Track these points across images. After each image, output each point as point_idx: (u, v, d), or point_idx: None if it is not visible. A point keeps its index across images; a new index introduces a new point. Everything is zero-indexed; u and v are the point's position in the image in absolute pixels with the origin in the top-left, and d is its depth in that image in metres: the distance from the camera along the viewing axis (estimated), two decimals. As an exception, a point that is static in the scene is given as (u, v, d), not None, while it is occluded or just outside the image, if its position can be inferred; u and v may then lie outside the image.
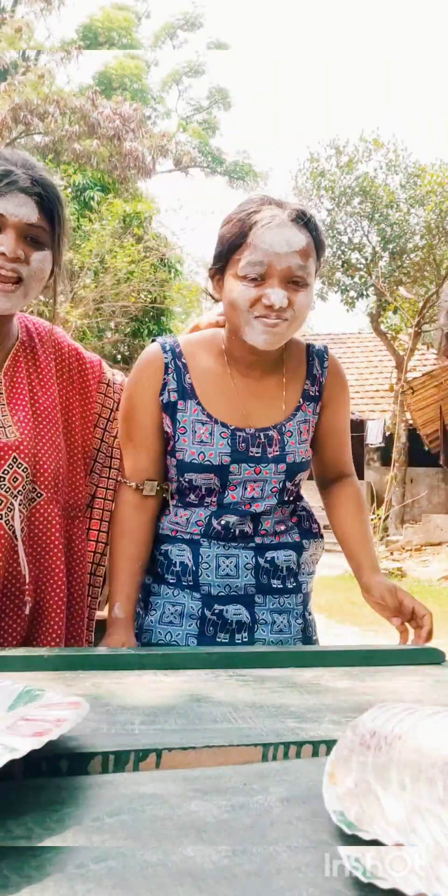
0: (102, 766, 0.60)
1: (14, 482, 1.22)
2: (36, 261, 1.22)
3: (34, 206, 1.20)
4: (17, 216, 1.18)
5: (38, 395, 1.33)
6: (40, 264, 1.23)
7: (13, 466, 1.23)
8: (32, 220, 1.20)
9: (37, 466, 1.26)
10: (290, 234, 1.24)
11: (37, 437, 1.28)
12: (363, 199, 14.20)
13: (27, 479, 1.24)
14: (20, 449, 1.24)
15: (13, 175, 1.18)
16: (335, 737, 0.64)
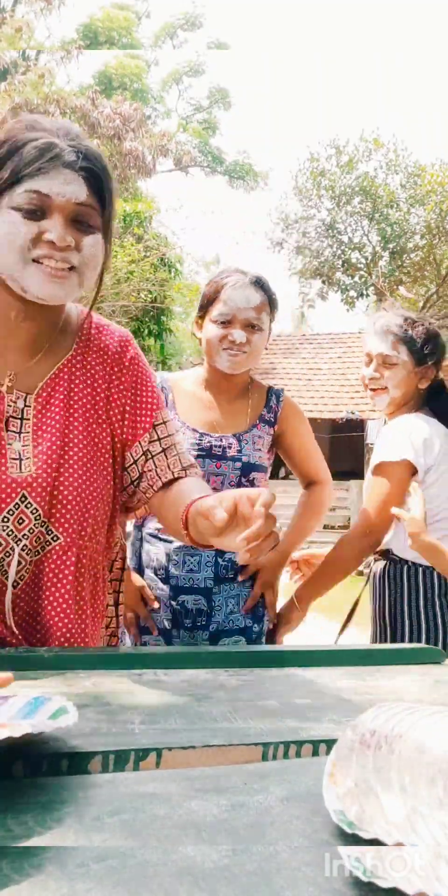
0: (103, 766, 0.60)
1: (19, 524, 1.05)
2: (88, 246, 1.05)
3: (82, 182, 1.02)
4: (64, 196, 1.01)
5: (75, 420, 1.12)
6: (93, 250, 1.06)
7: (20, 506, 1.05)
8: (81, 198, 1.02)
9: (53, 506, 1.07)
10: (248, 293, 1.75)
11: (60, 473, 1.08)
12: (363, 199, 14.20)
13: (36, 522, 1.05)
14: (32, 487, 1.05)
15: (56, 148, 1.00)
16: (335, 736, 0.64)
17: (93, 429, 1.14)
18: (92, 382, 1.16)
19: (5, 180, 1.00)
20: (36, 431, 1.09)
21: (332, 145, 14.35)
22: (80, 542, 1.09)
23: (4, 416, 1.07)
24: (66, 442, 1.10)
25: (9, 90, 12.81)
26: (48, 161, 0.99)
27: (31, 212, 1.01)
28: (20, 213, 1.01)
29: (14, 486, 1.05)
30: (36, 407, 1.10)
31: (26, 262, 1.02)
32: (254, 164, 23.59)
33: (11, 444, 1.07)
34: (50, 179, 1.00)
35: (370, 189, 14.01)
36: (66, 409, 1.12)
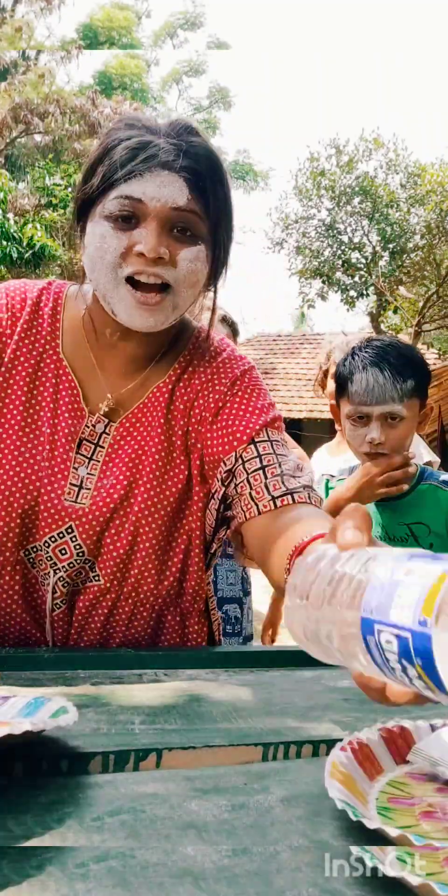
0: (103, 766, 0.60)
1: (61, 554, 0.98)
2: (185, 261, 0.92)
3: (183, 184, 0.90)
4: (159, 200, 0.89)
5: (150, 458, 1.01)
6: (191, 265, 0.92)
7: (65, 537, 0.98)
8: (180, 202, 0.90)
9: (99, 547, 0.99)
10: None
11: (115, 513, 0.99)
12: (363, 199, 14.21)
13: (78, 558, 0.99)
14: (80, 521, 0.98)
15: (152, 147, 0.89)
16: (336, 736, 0.64)
17: (166, 472, 1.02)
18: (170, 414, 1.04)
19: (97, 186, 0.92)
20: (106, 462, 1.01)
21: (332, 145, 14.36)
22: (121, 590, 1.02)
23: (78, 438, 1.00)
24: (132, 483, 1.00)
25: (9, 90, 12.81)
26: (142, 162, 0.88)
27: (124, 220, 0.91)
28: (111, 223, 0.91)
29: (63, 514, 0.98)
30: (115, 436, 1.02)
31: (117, 283, 0.92)
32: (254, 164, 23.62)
33: (77, 468, 1.00)
34: (144, 182, 0.89)
35: (370, 189, 14.01)
36: (144, 445, 1.02)
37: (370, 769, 0.58)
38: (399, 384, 1.52)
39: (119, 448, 1.02)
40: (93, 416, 1.02)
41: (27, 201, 11.83)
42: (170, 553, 1.03)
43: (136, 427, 1.03)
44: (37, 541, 0.99)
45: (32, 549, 1.00)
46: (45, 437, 1.00)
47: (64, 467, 0.99)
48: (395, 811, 0.52)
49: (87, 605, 1.02)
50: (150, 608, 1.04)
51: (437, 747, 0.61)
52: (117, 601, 1.03)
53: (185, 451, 1.03)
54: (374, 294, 14.73)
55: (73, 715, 0.60)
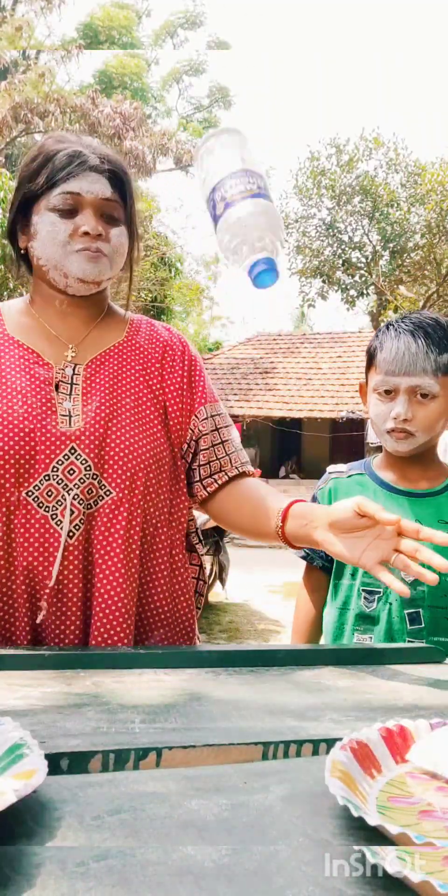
0: (103, 765, 0.60)
1: (69, 474, 1.12)
2: (115, 236, 1.20)
3: (106, 182, 1.19)
4: (93, 193, 1.17)
5: (125, 388, 1.22)
6: (119, 239, 1.21)
7: (70, 458, 1.12)
8: (107, 194, 1.19)
9: (102, 458, 1.14)
10: None
11: (108, 428, 1.16)
12: (363, 198, 14.21)
13: (86, 472, 1.12)
14: (80, 440, 1.13)
15: (83, 155, 1.18)
16: (335, 735, 0.64)
17: (142, 399, 1.23)
18: (144, 362, 1.27)
19: (41, 185, 1.17)
20: (85, 394, 1.18)
21: (332, 144, 14.37)
22: (132, 499, 1.15)
23: (54, 381, 1.18)
24: (114, 404, 1.19)
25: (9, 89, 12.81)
26: (77, 166, 1.16)
27: (67, 211, 1.16)
28: (57, 214, 1.16)
29: (63, 438, 1.13)
30: (85, 374, 1.20)
31: (68, 254, 1.16)
32: (254, 164, 23.54)
33: (62, 403, 1.16)
34: (80, 181, 1.16)
35: (370, 188, 14.02)
36: (115, 379, 1.22)
37: (370, 768, 0.58)
38: (433, 355, 1.35)
39: (93, 382, 1.20)
40: (59, 365, 1.20)
41: (27, 201, 11.80)
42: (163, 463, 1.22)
43: (105, 365, 1.23)
44: (42, 472, 1.11)
45: (36, 487, 1.11)
46: (23, 386, 1.16)
47: (50, 405, 1.15)
48: (395, 810, 0.52)
49: (106, 522, 1.13)
50: (157, 521, 1.20)
51: (436, 747, 0.61)
52: (131, 513, 1.15)
53: (163, 396, 1.26)
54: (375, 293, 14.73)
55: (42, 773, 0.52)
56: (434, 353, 1.34)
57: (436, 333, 1.36)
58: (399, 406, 1.36)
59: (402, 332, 1.37)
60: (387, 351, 1.38)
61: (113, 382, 1.21)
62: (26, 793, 0.47)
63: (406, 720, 0.65)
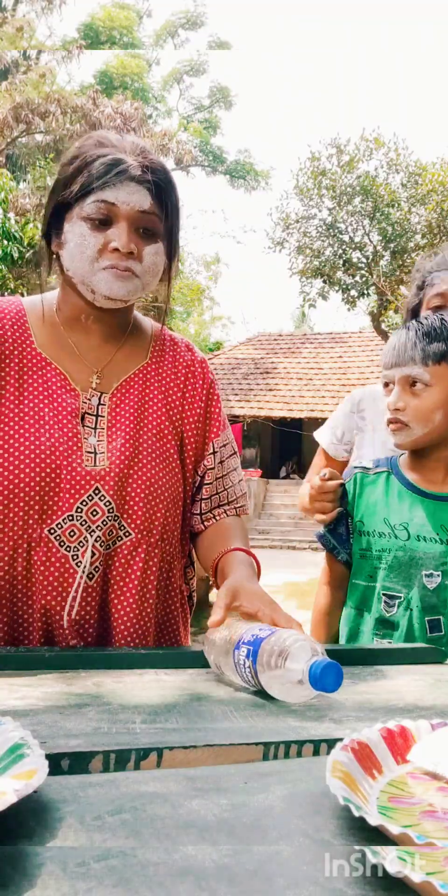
0: (103, 765, 0.60)
1: (93, 515, 1.09)
2: (149, 255, 1.13)
3: (147, 193, 1.11)
4: (129, 204, 1.09)
5: (148, 421, 1.19)
6: (154, 258, 1.14)
7: (94, 498, 1.10)
8: (145, 206, 1.11)
9: (124, 500, 1.12)
10: None
11: (131, 468, 1.13)
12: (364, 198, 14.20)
13: (109, 515, 1.10)
14: (105, 480, 1.11)
15: (123, 163, 1.09)
16: (336, 736, 0.64)
17: (163, 432, 1.20)
18: (165, 389, 1.23)
19: (75, 193, 1.10)
20: (110, 428, 1.16)
21: (332, 144, 14.36)
22: (150, 540, 1.14)
23: (80, 412, 1.14)
24: (137, 439, 1.17)
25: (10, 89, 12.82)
26: (115, 175, 1.08)
27: (99, 221, 1.10)
28: (89, 224, 1.10)
29: (88, 478, 1.10)
30: (110, 405, 1.17)
31: (96, 270, 1.10)
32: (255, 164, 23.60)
33: (87, 438, 1.14)
34: (116, 190, 1.09)
35: (371, 188, 14.01)
36: (139, 409, 1.19)
37: (371, 769, 0.58)
38: (422, 343, 1.35)
39: (118, 414, 1.17)
40: (86, 393, 1.16)
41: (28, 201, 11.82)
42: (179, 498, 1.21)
43: (128, 396, 1.19)
44: (65, 512, 1.09)
45: (58, 525, 1.08)
46: (49, 417, 1.12)
47: (76, 440, 1.12)
48: (395, 811, 0.52)
49: (123, 562, 1.12)
50: (172, 557, 1.20)
51: (437, 747, 0.61)
52: (148, 553, 1.14)
53: (180, 424, 1.24)
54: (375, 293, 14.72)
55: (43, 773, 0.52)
56: (422, 341, 1.35)
57: (430, 325, 1.36)
58: (392, 396, 1.38)
59: (401, 329, 1.40)
60: (386, 347, 1.42)
61: (137, 414, 1.18)
62: (27, 793, 0.47)
63: (407, 720, 0.65)
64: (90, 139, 1.15)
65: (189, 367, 1.28)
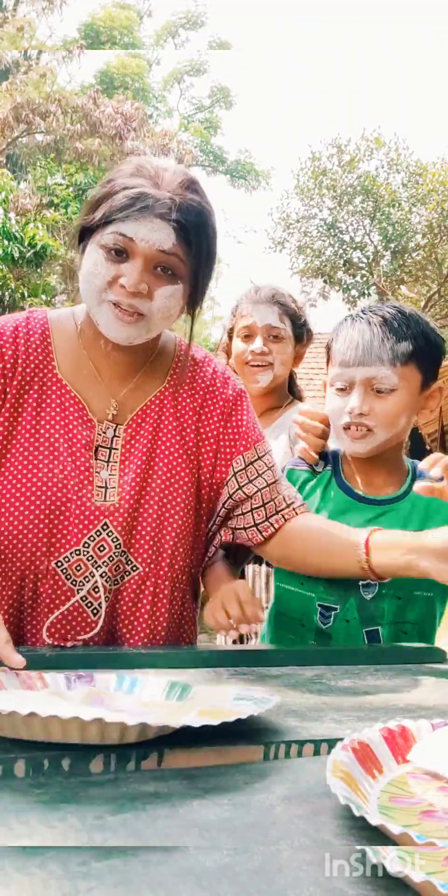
0: (104, 765, 0.60)
1: (100, 551, 1.09)
2: (161, 297, 1.06)
3: (171, 232, 1.03)
4: (147, 241, 1.03)
5: (161, 451, 1.16)
6: (167, 301, 1.07)
7: (102, 534, 1.09)
8: (165, 246, 1.04)
9: (132, 535, 1.11)
10: None
11: (140, 503, 1.12)
12: (365, 198, 14.20)
13: (116, 551, 1.10)
14: (114, 516, 1.09)
15: (148, 198, 1.02)
16: (337, 736, 0.64)
17: (175, 464, 1.16)
18: (180, 418, 1.19)
19: (97, 221, 1.06)
20: (123, 461, 1.13)
21: (333, 144, 14.35)
22: (158, 572, 1.13)
23: (94, 445, 1.13)
24: (148, 472, 1.14)
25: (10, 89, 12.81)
26: (138, 210, 1.02)
27: (115, 252, 1.04)
28: (104, 253, 1.05)
29: (97, 513, 1.09)
30: (125, 437, 1.15)
31: (101, 303, 1.07)
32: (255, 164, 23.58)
33: (99, 472, 1.12)
34: (137, 225, 1.02)
35: (372, 188, 14.00)
36: (153, 441, 1.16)
37: (371, 769, 0.58)
38: (390, 342, 1.22)
39: (131, 447, 1.15)
40: (102, 424, 1.14)
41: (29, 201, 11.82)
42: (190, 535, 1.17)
43: (143, 427, 1.16)
44: (73, 546, 1.08)
45: (65, 559, 1.08)
46: (63, 449, 1.11)
47: (88, 473, 1.11)
48: (396, 810, 0.52)
49: (132, 596, 1.12)
50: (184, 586, 1.18)
51: (438, 747, 0.61)
52: (157, 585, 1.13)
53: (196, 449, 1.19)
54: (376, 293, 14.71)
55: None
56: (391, 340, 1.22)
57: (395, 320, 1.24)
58: (354, 399, 1.24)
59: (357, 321, 1.26)
60: (341, 341, 1.26)
61: (150, 446, 1.15)
62: None
63: (407, 720, 0.65)
64: (129, 164, 1.09)
65: (208, 387, 1.22)
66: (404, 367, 1.23)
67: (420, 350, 1.24)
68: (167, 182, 1.05)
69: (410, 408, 1.27)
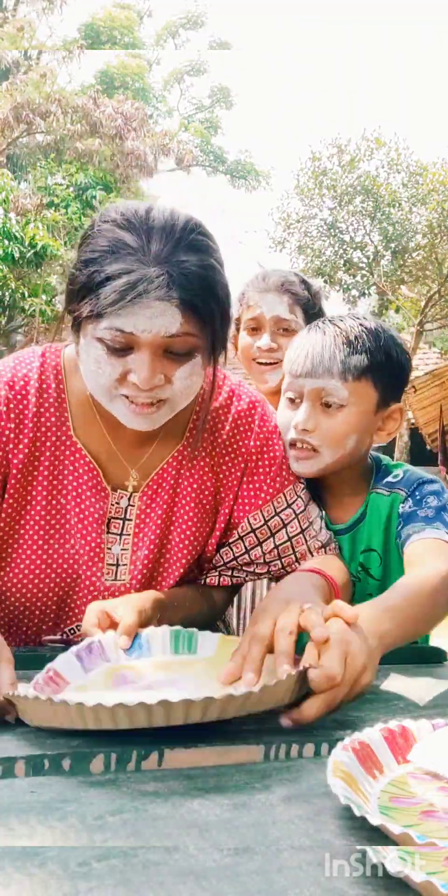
0: (105, 765, 0.60)
1: None
2: (180, 379, 0.93)
3: (175, 311, 0.88)
4: (151, 332, 0.88)
5: (178, 520, 1.08)
6: (187, 381, 0.94)
7: None
8: (172, 330, 0.89)
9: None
10: None
11: (151, 583, 1.07)
12: (365, 198, 14.19)
13: None
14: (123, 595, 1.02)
15: (140, 284, 0.85)
16: (337, 736, 0.64)
17: (192, 538, 1.09)
18: (199, 479, 1.09)
19: (85, 315, 0.89)
20: (136, 534, 1.06)
21: (333, 144, 14.34)
22: None
23: (106, 517, 1.05)
24: (163, 546, 1.07)
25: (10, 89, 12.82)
26: (130, 301, 0.85)
27: (117, 349, 0.90)
28: (105, 349, 0.90)
29: (106, 594, 1.04)
30: (140, 507, 1.07)
31: (114, 398, 0.95)
32: (255, 164, 23.57)
33: (111, 548, 1.06)
34: (135, 315, 0.87)
35: (372, 188, 13.99)
36: (169, 510, 1.07)
37: (372, 769, 0.58)
38: (341, 354, 1.11)
39: (146, 517, 1.07)
40: (116, 493, 1.06)
41: (29, 201, 11.81)
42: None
43: (158, 494, 1.08)
44: (80, 620, 1.02)
45: (70, 630, 1.06)
46: (74, 521, 1.04)
47: (99, 550, 1.05)
48: (396, 810, 0.52)
49: None
50: None
51: (438, 747, 0.61)
52: None
53: (214, 507, 1.11)
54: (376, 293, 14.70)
55: None
56: (342, 352, 1.11)
57: (352, 332, 1.13)
58: (300, 412, 1.13)
59: (313, 330, 1.16)
60: (295, 349, 1.16)
61: (166, 515, 1.07)
62: None
63: (408, 720, 0.65)
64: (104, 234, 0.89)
65: (228, 439, 1.11)
66: (356, 381, 1.12)
67: (377, 366, 1.13)
68: (157, 246, 0.87)
69: (362, 428, 1.15)
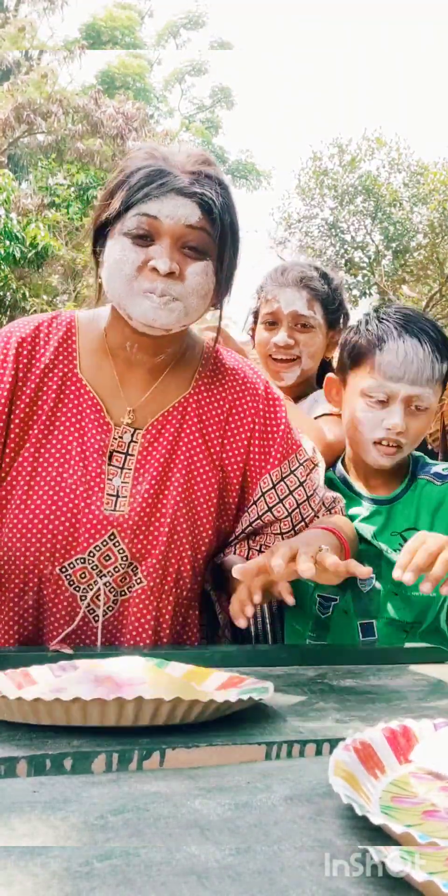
0: (106, 765, 0.60)
1: (105, 560, 1.06)
2: (193, 275, 1.02)
3: (195, 206, 1.01)
4: (173, 218, 1.00)
5: (180, 462, 1.11)
6: (199, 279, 1.03)
7: (108, 544, 1.06)
8: (192, 221, 1.01)
9: (140, 550, 1.08)
10: None
11: (152, 515, 1.08)
12: (366, 198, 14.20)
13: (123, 562, 1.07)
14: (122, 527, 1.06)
15: (166, 174, 1.00)
16: (339, 735, 0.64)
17: (196, 479, 1.12)
18: (205, 429, 1.14)
19: (117, 209, 1.02)
20: (138, 469, 1.09)
21: (334, 144, 14.35)
22: (163, 587, 1.10)
23: (108, 450, 1.09)
24: (164, 483, 1.09)
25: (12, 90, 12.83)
26: (157, 187, 0.99)
27: (141, 238, 1.01)
28: (129, 239, 1.01)
29: (105, 523, 1.06)
30: (143, 444, 1.11)
31: (133, 293, 1.02)
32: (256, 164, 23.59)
33: (111, 479, 1.08)
34: (160, 203, 1.00)
35: (373, 188, 14.01)
36: (172, 448, 1.11)
37: (373, 769, 0.58)
38: (438, 364, 1.22)
39: (148, 454, 1.11)
40: (119, 428, 1.10)
41: (30, 201, 11.84)
42: (202, 549, 1.13)
43: (162, 434, 1.12)
44: (78, 554, 1.06)
45: (70, 564, 1.07)
46: (76, 453, 1.08)
47: (99, 480, 1.07)
48: (398, 810, 0.52)
49: (136, 608, 1.09)
50: (190, 597, 1.14)
51: (440, 747, 0.61)
52: (161, 599, 1.10)
53: (220, 461, 1.14)
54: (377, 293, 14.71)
55: None
56: (437, 361, 1.23)
57: (438, 339, 1.24)
58: (396, 416, 1.22)
59: (405, 334, 1.23)
60: (391, 353, 1.22)
61: (169, 454, 1.11)
62: None
63: (409, 720, 0.65)
64: (140, 151, 1.06)
65: (236, 397, 1.17)
66: (438, 387, 1.25)
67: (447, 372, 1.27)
68: (182, 161, 1.03)
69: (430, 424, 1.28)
